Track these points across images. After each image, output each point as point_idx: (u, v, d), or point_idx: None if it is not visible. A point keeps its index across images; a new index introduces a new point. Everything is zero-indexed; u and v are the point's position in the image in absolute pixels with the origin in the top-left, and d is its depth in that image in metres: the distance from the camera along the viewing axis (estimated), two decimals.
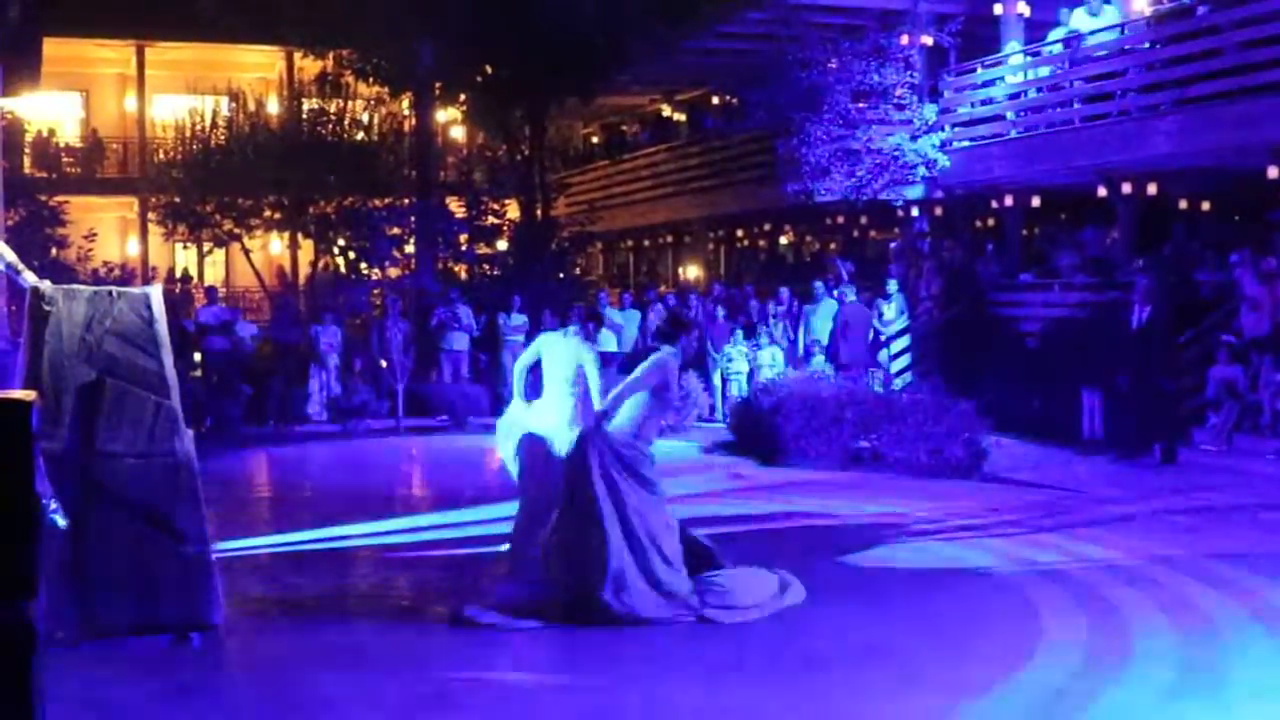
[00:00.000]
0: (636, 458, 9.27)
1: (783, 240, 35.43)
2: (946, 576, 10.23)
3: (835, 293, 21.98)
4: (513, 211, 30.46)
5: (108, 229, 34.18)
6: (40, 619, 5.21)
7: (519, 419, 10.33)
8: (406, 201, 27.44)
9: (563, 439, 9.89)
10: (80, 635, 8.09)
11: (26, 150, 30.39)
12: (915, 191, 23.90)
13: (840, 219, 29.54)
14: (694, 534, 9.77)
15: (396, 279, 24.86)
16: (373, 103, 30.14)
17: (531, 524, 9.84)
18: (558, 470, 9.60)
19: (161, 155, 30.84)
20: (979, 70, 23.96)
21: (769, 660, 8.15)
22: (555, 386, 10.26)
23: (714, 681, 7.72)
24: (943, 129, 23.62)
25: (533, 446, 10.18)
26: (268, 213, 28.19)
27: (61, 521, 6.53)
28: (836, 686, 7.64)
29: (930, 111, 23.72)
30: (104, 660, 7.90)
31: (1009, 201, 23.74)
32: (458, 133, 36.10)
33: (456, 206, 28.99)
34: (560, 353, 10.33)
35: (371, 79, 28.56)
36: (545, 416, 10.21)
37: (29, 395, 5.28)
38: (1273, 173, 18.44)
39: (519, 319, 23.37)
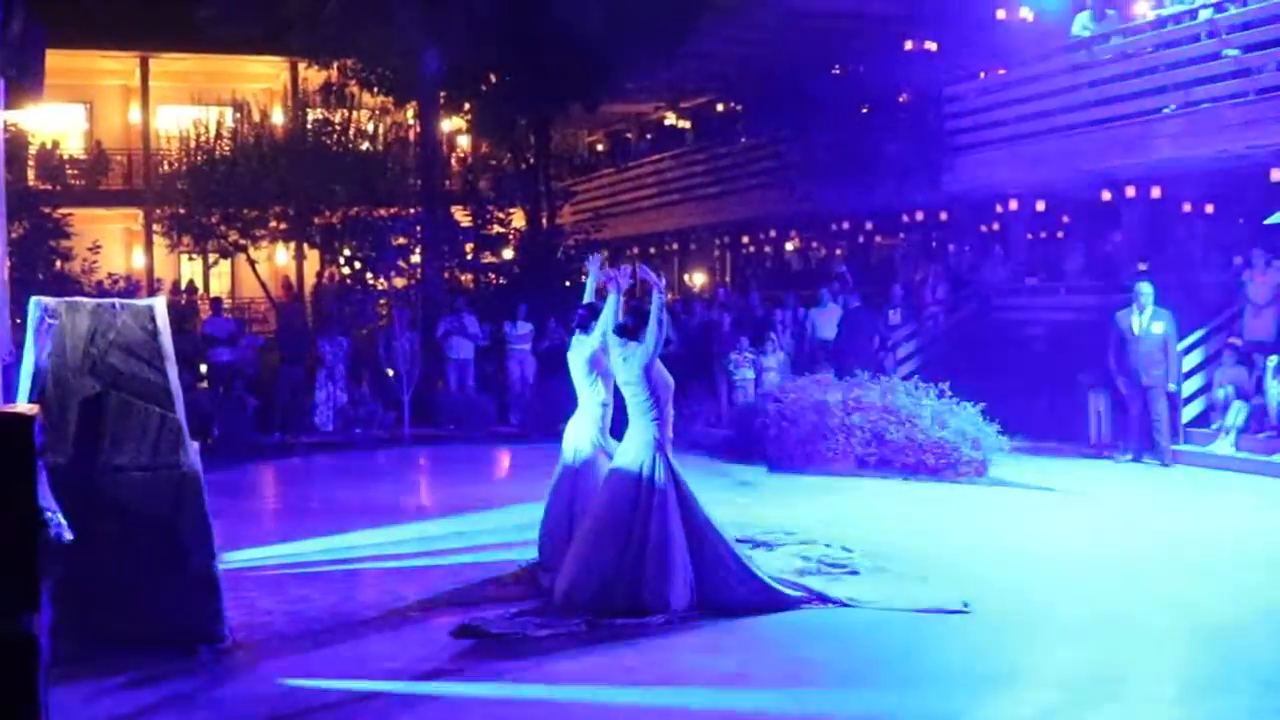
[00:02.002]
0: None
1: (788, 246, 35.46)
2: (952, 580, 10.21)
3: (840, 298, 21.96)
4: (518, 220, 30.46)
5: (112, 241, 34.20)
6: (44, 633, 5.21)
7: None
8: (412, 211, 27.44)
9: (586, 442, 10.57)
10: (85, 649, 8.08)
11: (30, 163, 30.35)
12: (920, 197, 23.90)
13: (845, 225, 29.56)
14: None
15: (402, 289, 24.86)
16: (377, 112, 30.16)
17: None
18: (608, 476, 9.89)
19: (166, 166, 30.89)
20: (982, 76, 23.97)
21: (775, 668, 8.14)
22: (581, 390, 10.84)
23: (722, 689, 7.72)
24: (947, 135, 23.62)
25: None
26: (273, 223, 28.19)
27: (66, 535, 6.51)
28: (840, 692, 7.64)
29: (934, 117, 23.72)
30: (109, 674, 7.89)
31: (1013, 206, 23.75)
32: (463, 141, 36.11)
33: (462, 215, 28.98)
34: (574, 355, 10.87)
35: (376, 88, 28.58)
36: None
37: (32, 409, 5.29)
38: (1276, 175, 18.45)
39: (525, 327, 23.35)
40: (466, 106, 30.86)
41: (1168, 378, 17.19)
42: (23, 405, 7.03)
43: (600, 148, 42.28)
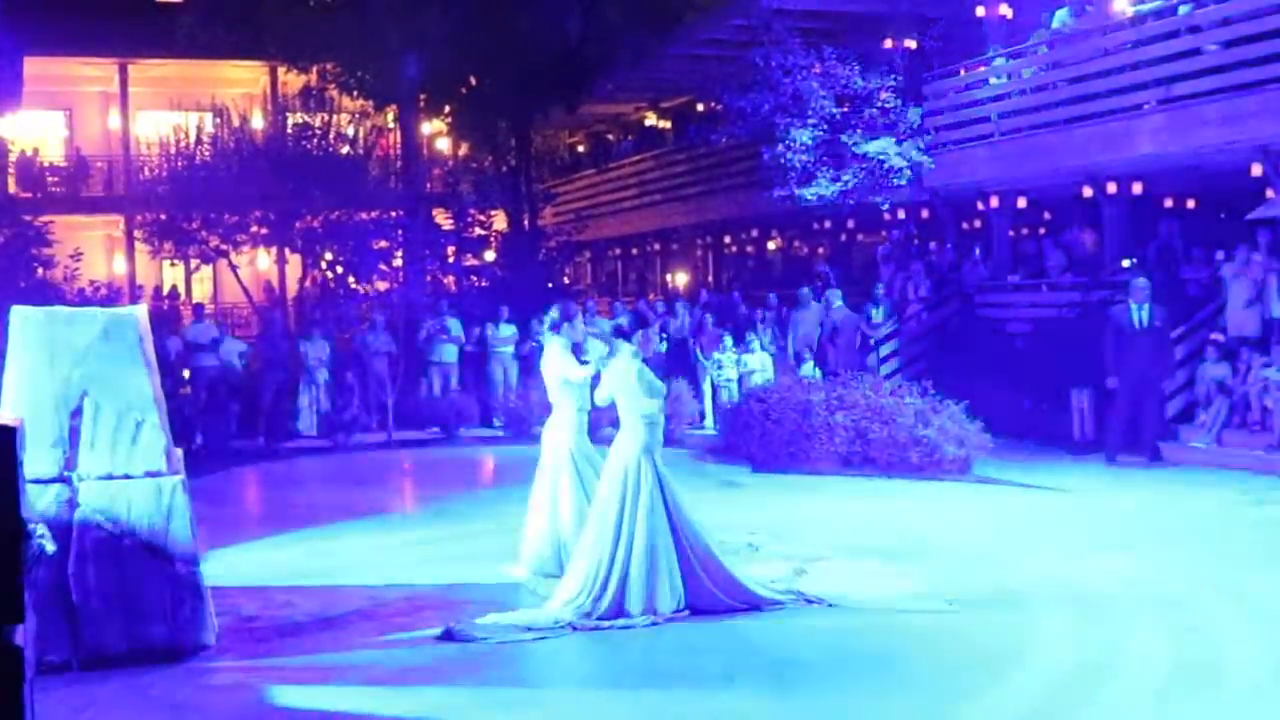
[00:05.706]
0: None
1: (770, 245, 35.44)
2: (937, 579, 10.22)
3: (823, 297, 21.96)
4: (499, 222, 30.43)
5: (94, 248, 34.03)
6: (30, 643, 5.19)
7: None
8: (393, 214, 27.39)
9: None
10: (70, 658, 8.06)
11: (11, 170, 30.25)
12: (901, 195, 23.91)
13: (827, 223, 29.55)
14: None
15: (384, 292, 24.80)
16: (358, 116, 30.10)
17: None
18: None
19: (146, 172, 30.74)
20: (962, 73, 23.99)
21: (760, 669, 8.14)
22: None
23: (708, 690, 7.72)
24: (927, 132, 23.65)
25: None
26: (254, 228, 28.08)
27: (49, 546, 6.50)
28: (826, 692, 7.63)
29: (914, 115, 23.74)
30: (95, 683, 7.87)
31: (995, 203, 23.76)
32: (443, 144, 36.08)
33: (443, 218, 28.95)
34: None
35: (356, 92, 28.51)
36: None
37: (14, 420, 5.27)
38: (1257, 170, 18.49)
39: (508, 330, 23.33)
40: (447, 109, 30.82)
41: (1164, 373, 17.19)
42: (5, 416, 7.00)
43: (581, 149, 42.25)
